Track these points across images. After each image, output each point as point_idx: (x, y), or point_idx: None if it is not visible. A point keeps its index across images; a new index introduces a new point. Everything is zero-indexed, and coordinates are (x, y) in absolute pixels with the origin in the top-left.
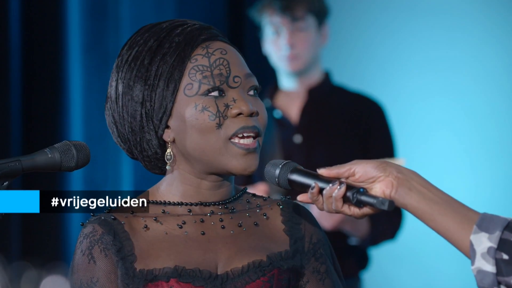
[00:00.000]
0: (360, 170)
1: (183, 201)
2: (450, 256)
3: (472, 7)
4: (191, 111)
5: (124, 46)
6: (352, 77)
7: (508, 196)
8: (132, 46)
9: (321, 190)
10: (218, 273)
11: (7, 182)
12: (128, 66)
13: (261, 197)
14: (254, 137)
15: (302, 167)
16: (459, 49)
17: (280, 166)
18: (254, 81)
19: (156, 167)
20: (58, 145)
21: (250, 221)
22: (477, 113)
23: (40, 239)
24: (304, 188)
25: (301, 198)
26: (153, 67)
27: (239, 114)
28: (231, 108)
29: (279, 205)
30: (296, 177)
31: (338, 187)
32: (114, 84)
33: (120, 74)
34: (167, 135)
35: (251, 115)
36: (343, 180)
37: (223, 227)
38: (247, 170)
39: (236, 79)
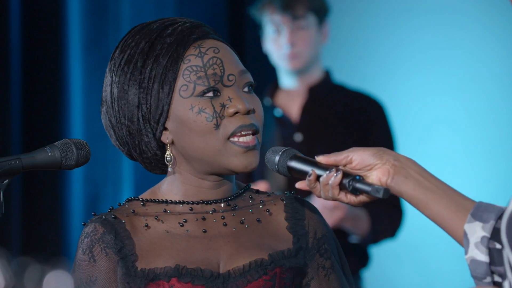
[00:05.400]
0: (357, 158)
1: (185, 200)
2: (450, 254)
3: (472, 5)
4: (188, 113)
5: (116, 49)
6: (353, 76)
7: (508, 194)
8: (124, 49)
9: (318, 178)
10: (220, 271)
11: (7, 180)
12: (122, 70)
13: (265, 193)
14: (252, 134)
15: (301, 154)
16: (459, 47)
17: (280, 153)
18: (249, 78)
19: (156, 168)
20: (58, 143)
21: (253, 218)
22: (477, 111)
23: (42, 234)
24: (303, 175)
25: (299, 185)
26: (147, 70)
27: (236, 113)
28: (227, 107)
29: (283, 200)
30: (295, 164)
31: (335, 174)
32: (108, 89)
33: (114, 79)
34: (165, 137)
35: (247, 113)
36: (340, 167)
37: (225, 225)
38: (248, 167)
39: (230, 77)
